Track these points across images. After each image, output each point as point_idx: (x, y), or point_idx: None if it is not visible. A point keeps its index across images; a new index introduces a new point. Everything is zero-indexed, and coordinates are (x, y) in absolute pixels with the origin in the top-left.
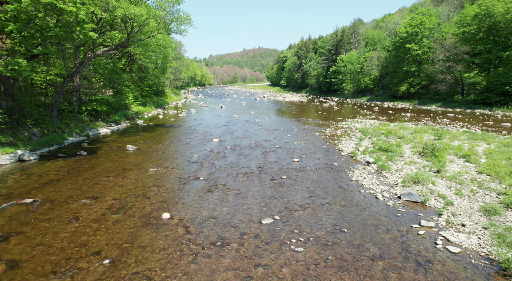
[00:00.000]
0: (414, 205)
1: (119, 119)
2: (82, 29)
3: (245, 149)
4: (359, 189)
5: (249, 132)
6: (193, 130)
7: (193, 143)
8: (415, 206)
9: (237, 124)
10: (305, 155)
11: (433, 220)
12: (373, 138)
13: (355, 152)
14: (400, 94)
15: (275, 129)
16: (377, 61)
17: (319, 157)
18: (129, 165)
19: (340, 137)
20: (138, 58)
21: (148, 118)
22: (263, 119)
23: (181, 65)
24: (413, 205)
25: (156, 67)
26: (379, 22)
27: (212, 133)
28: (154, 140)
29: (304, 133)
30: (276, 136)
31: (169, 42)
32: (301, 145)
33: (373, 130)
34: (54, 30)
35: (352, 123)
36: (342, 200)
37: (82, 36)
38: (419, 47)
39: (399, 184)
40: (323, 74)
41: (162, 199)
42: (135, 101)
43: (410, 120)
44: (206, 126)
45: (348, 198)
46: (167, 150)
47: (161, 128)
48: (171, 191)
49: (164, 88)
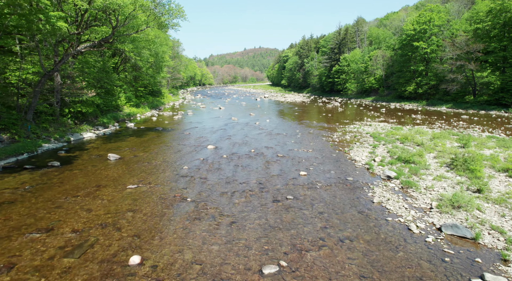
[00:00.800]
0: (463, 243)
1: (108, 122)
2: (48, 18)
3: (243, 158)
4: (384, 215)
5: (248, 137)
6: (187, 135)
7: (185, 151)
8: (464, 244)
9: (235, 127)
10: (313, 166)
11: (501, 272)
12: (388, 145)
13: (371, 163)
14: (407, 95)
15: (277, 134)
16: (382, 60)
17: (329, 169)
18: (105, 180)
19: (350, 144)
20: (129, 56)
21: (141, 120)
22: (264, 122)
23: (179, 64)
24: (461, 242)
25: (150, 66)
26: (383, 20)
27: (208, 139)
28: (141, 146)
29: (309, 139)
30: (278, 142)
31: (164, 39)
32: (307, 153)
33: (386, 135)
34: (11, 17)
35: (361, 126)
36: (366, 233)
37: (49, 26)
38: (427, 45)
39: (433, 208)
40: (325, 73)
41: (135, 232)
42: (128, 102)
43: (423, 123)
44: (201, 130)
45: (373, 229)
46: (154, 160)
47: (152, 132)
48: (149, 219)
49: (161, 88)
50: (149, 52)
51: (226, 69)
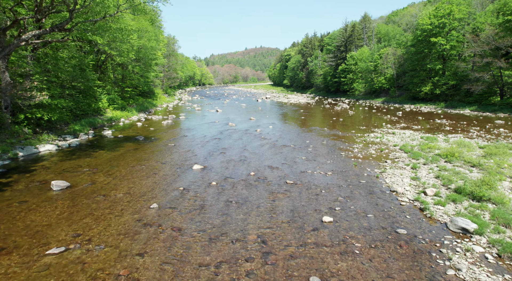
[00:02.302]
0: None
1: (81, 129)
2: None
3: (239, 187)
4: None
5: (247, 151)
6: (172, 148)
7: (162, 174)
8: None
9: (232, 136)
10: (339, 203)
11: None
12: (432, 166)
13: (423, 198)
14: (422, 96)
15: (284, 146)
16: (393, 58)
17: (364, 208)
18: (22, 233)
19: (379, 162)
20: (104, 49)
21: (123, 126)
22: (266, 129)
23: (174, 63)
24: None
25: (137, 63)
26: (391, 17)
27: (196, 153)
28: (107, 166)
29: (324, 153)
30: (286, 158)
31: (154, 34)
32: (326, 177)
33: (420, 148)
34: None
35: (384, 135)
36: None
37: None
38: (446, 41)
39: None
40: (330, 73)
41: None
42: (112, 105)
43: (454, 130)
44: (190, 140)
45: None
46: (114, 191)
47: (131, 143)
48: None
49: (154, 89)
50: (129, 45)
51: (227, 69)
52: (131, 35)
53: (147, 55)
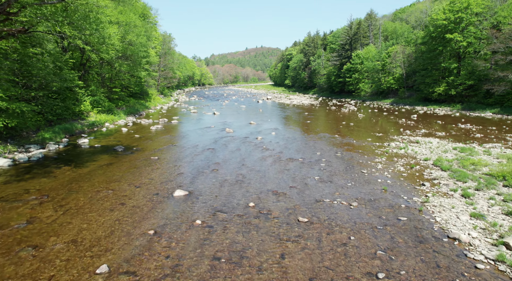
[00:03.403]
0: None
1: (52, 137)
2: None
3: (233, 230)
4: None
5: (246, 167)
6: (153, 163)
7: (131, 205)
8: None
9: (229, 146)
10: (381, 263)
11: None
12: (490, 193)
13: (508, 257)
14: (436, 97)
15: (290, 159)
16: (402, 56)
17: (421, 276)
18: None
19: (414, 184)
20: (79, 45)
21: (106, 132)
22: (268, 136)
23: (170, 62)
24: None
25: (128, 61)
26: (398, 14)
27: (182, 171)
28: (64, 192)
29: (342, 170)
30: (294, 178)
31: (144, 29)
32: (352, 211)
33: (461, 164)
34: None
35: (407, 145)
36: None
37: None
38: (463, 37)
39: None
40: (335, 72)
41: None
42: (97, 107)
43: (488, 138)
44: (178, 152)
45: None
46: (54, 238)
47: (106, 155)
48: None
49: (148, 89)
50: (106, 39)
51: (227, 69)
52: (106, 26)
53: (136, 52)
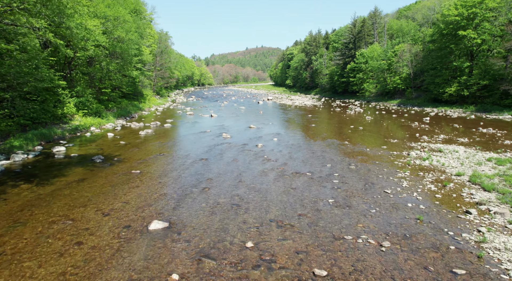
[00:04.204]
0: None
1: (23, 144)
2: None
3: None
4: None
5: (243, 185)
6: (133, 179)
7: (90, 245)
8: None
9: (225, 156)
10: None
11: None
12: None
13: None
14: (446, 98)
15: (296, 173)
16: (409, 55)
17: None
18: None
19: (456, 211)
20: (51, 38)
21: (89, 138)
22: (270, 142)
23: (167, 62)
24: None
25: (118, 60)
26: (403, 12)
27: (165, 191)
28: (7, 224)
29: (360, 189)
30: (302, 201)
31: (136, 26)
32: (386, 257)
33: (509, 183)
34: None
35: (430, 155)
36: None
37: None
38: (477, 34)
39: None
40: (338, 72)
41: None
42: (82, 109)
43: None
44: (165, 164)
45: None
46: None
47: (80, 168)
48: None
49: (143, 89)
50: (82, 31)
51: (227, 69)
52: (85, 18)
53: (126, 50)
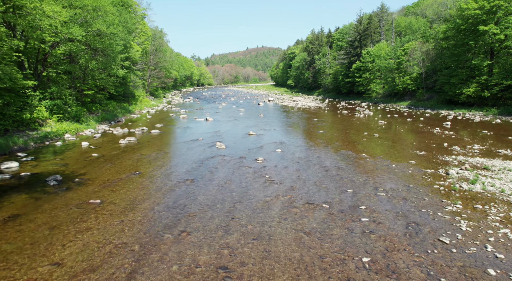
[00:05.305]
0: None
1: None
2: None
3: None
4: None
5: (236, 227)
6: (85, 215)
7: None
8: None
9: (215, 176)
10: None
11: None
12: None
13: None
14: (463, 99)
15: (309, 204)
16: (420, 53)
17: None
18: None
19: None
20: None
21: (58, 149)
22: (272, 155)
23: (163, 60)
24: None
25: (104, 57)
26: (411, 8)
27: (124, 242)
28: None
29: (402, 235)
30: (323, 259)
31: (122, 18)
32: None
33: None
34: None
35: (476, 174)
36: None
37: None
38: (499, 29)
39: None
40: (342, 72)
41: None
42: (57, 113)
43: None
44: (136, 190)
45: None
46: None
47: (23, 195)
48: None
49: (135, 90)
50: (35, 16)
51: (227, 68)
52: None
53: (109, 45)
